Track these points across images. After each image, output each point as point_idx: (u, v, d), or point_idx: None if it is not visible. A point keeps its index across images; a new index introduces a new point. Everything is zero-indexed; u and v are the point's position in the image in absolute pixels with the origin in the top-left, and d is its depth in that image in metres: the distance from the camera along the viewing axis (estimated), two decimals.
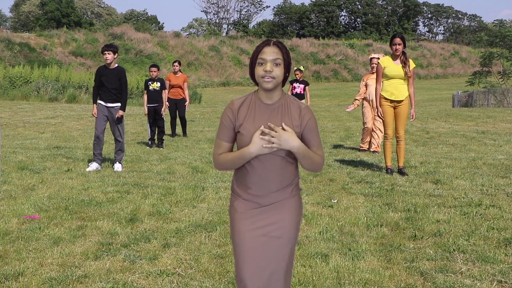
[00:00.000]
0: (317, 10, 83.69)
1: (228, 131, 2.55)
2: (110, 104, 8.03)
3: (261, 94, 2.55)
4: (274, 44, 2.50)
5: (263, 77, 2.46)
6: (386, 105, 7.56)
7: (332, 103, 29.01)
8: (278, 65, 2.47)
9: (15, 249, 4.46)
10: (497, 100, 26.68)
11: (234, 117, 2.54)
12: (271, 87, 2.48)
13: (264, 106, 2.54)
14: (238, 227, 2.59)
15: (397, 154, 7.73)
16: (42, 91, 24.86)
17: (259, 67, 2.47)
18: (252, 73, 2.53)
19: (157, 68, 10.92)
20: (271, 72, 2.45)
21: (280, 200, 2.58)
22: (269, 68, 2.45)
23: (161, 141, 10.72)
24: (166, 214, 5.57)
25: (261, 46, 2.50)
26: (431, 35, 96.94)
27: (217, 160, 2.59)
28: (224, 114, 2.56)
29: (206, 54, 53.10)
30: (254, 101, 2.56)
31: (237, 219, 2.59)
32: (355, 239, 4.76)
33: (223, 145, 2.58)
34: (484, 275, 3.92)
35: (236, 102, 2.56)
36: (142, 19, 79.72)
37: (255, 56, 2.50)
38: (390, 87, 7.52)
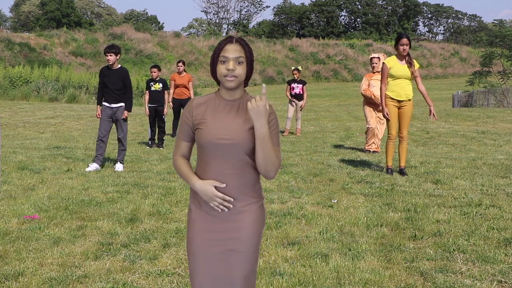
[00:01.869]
0: (317, 10, 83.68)
1: (186, 130, 2.47)
2: (114, 104, 8.04)
3: (223, 92, 2.45)
4: (237, 42, 2.40)
5: (225, 75, 2.37)
6: (391, 105, 7.55)
7: (332, 103, 29.01)
8: (241, 63, 2.37)
9: (15, 249, 4.46)
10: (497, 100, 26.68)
11: (190, 115, 2.45)
12: (233, 86, 2.38)
13: (225, 102, 2.44)
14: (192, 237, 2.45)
15: (399, 154, 7.73)
16: (42, 91, 24.86)
17: (221, 65, 2.37)
18: (214, 71, 2.43)
19: (157, 68, 10.91)
20: (234, 71, 2.36)
21: (238, 208, 2.40)
22: (231, 66, 2.35)
23: (161, 141, 10.72)
24: (166, 214, 5.57)
25: (223, 44, 2.39)
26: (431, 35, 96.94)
27: (174, 162, 2.53)
28: (184, 112, 2.50)
29: (206, 54, 53.10)
30: (214, 98, 2.47)
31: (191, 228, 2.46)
32: (355, 239, 4.76)
33: (181, 144, 2.50)
34: (484, 275, 3.92)
35: (195, 100, 2.48)
36: (142, 19, 79.71)
37: (217, 54, 2.39)
38: (396, 87, 7.51)
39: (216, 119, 2.41)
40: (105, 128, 8.06)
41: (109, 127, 8.13)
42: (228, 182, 2.39)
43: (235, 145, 2.37)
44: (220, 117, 2.41)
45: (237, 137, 2.37)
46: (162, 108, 10.76)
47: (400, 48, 7.45)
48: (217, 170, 2.39)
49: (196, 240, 2.44)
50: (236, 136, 2.37)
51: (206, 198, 2.38)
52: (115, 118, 8.09)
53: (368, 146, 10.09)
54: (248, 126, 2.37)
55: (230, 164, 2.39)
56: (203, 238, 2.42)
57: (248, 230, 2.41)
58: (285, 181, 7.19)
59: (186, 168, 2.47)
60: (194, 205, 2.48)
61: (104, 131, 8.05)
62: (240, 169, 2.40)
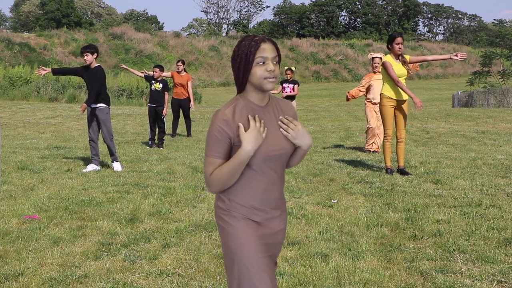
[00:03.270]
0: (317, 10, 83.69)
1: (223, 146, 2.24)
2: (94, 105, 7.92)
3: (253, 96, 2.30)
4: (269, 40, 2.27)
5: (266, 77, 2.22)
6: (389, 106, 7.55)
7: (332, 103, 29.01)
8: (276, 63, 2.27)
9: (15, 249, 4.46)
10: (497, 100, 26.67)
11: (230, 129, 2.22)
12: (273, 87, 2.26)
13: (259, 108, 2.31)
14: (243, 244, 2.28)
15: (397, 154, 7.73)
16: (42, 91, 24.87)
17: (259, 66, 2.22)
18: (246, 75, 2.25)
19: (159, 68, 10.87)
20: (274, 71, 2.23)
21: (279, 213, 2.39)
22: (272, 67, 2.22)
23: (161, 141, 10.71)
24: (166, 214, 5.57)
25: (258, 43, 2.23)
26: (431, 35, 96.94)
27: (211, 180, 2.26)
28: (216, 127, 2.23)
29: (206, 54, 53.11)
30: (246, 106, 2.29)
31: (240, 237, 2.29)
32: (355, 239, 4.76)
33: (216, 163, 2.25)
34: (484, 275, 3.92)
35: (227, 112, 2.23)
36: (142, 19, 79.70)
37: (253, 54, 2.22)
38: (394, 86, 7.51)
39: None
40: (92, 128, 7.99)
41: (96, 127, 8.02)
42: (274, 193, 2.34)
43: (284, 155, 2.33)
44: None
45: (287, 146, 2.33)
46: (162, 108, 10.74)
47: (396, 47, 7.47)
48: (266, 183, 2.31)
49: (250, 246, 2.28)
50: (286, 146, 2.32)
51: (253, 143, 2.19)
52: (97, 119, 7.96)
53: (368, 146, 10.08)
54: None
55: (276, 174, 2.34)
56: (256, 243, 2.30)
57: (284, 234, 2.44)
58: (285, 181, 7.19)
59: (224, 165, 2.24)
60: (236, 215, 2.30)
61: (92, 131, 7.99)
62: (282, 176, 2.38)
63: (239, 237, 2.29)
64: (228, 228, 2.31)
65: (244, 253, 2.27)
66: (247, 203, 2.30)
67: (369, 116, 9.96)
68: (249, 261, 2.26)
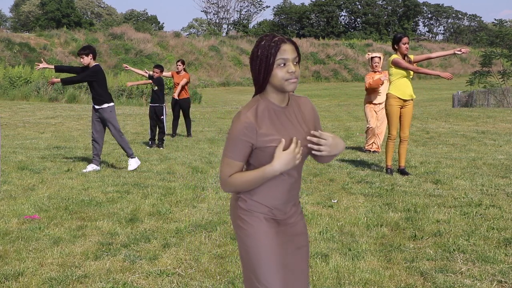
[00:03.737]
0: (317, 10, 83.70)
1: (244, 150, 2.21)
2: (98, 106, 7.91)
3: (273, 97, 2.27)
4: (289, 41, 2.22)
5: (287, 79, 2.19)
6: (395, 105, 7.53)
7: (332, 103, 29.01)
8: (297, 63, 2.22)
9: (15, 249, 4.46)
10: (497, 100, 26.66)
11: (254, 134, 2.20)
12: (294, 88, 2.22)
13: (280, 110, 2.29)
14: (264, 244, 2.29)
15: (399, 154, 7.72)
16: (42, 91, 24.87)
17: (281, 68, 2.18)
18: (267, 77, 2.21)
19: (159, 69, 10.84)
20: (295, 73, 2.19)
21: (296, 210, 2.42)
22: (293, 68, 2.18)
23: (161, 141, 10.70)
24: (166, 214, 5.57)
25: (278, 44, 2.19)
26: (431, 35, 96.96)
27: (228, 182, 2.25)
28: (238, 130, 2.19)
29: (206, 54, 53.10)
30: (268, 108, 2.27)
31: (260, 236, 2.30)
32: (355, 239, 4.76)
33: (235, 165, 2.23)
34: (484, 275, 3.92)
35: (249, 115, 2.20)
36: (142, 19, 79.72)
37: (273, 56, 2.17)
38: (402, 86, 7.50)
39: (285, 133, 2.26)
40: (95, 128, 7.96)
41: (100, 128, 7.99)
42: (295, 191, 2.37)
43: (305, 155, 2.33)
44: (286, 129, 2.27)
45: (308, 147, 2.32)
46: (160, 108, 10.69)
47: (403, 47, 7.44)
48: (289, 184, 2.31)
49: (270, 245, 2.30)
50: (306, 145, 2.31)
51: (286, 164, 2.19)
52: (102, 119, 7.95)
53: (368, 146, 10.07)
54: (310, 131, 2.34)
55: (297, 174, 2.35)
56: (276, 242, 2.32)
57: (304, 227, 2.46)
58: None
59: (248, 173, 2.23)
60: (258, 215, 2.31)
61: (94, 131, 7.96)
62: (300, 175, 2.38)
63: (258, 238, 2.29)
64: (248, 229, 2.31)
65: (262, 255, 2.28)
66: (269, 203, 2.31)
67: (369, 116, 9.94)
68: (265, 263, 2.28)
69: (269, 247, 2.29)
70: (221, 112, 20.62)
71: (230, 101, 32.25)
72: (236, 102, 31.28)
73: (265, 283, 2.26)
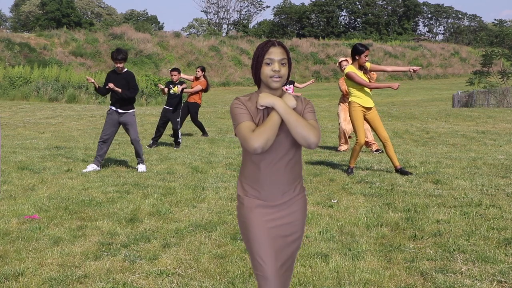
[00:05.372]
0: (317, 10, 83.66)
1: (247, 113, 2.56)
2: (121, 110, 7.99)
3: (265, 91, 2.62)
4: (279, 45, 2.59)
5: (271, 76, 2.55)
6: (359, 110, 7.62)
7: (332, 103, 28.99)
8: (284, 64, 2.57)
9: (15, 249, 4.46)
10: (497, 100, 26.66)
11: (245, 107, 2.57)
12: (279, 86, 2.58)
13: None
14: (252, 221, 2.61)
15: (389, 157, 7.71)
16: (42, 91, 24.86)
17: (267, 66, 2.56)
18: (257, 73, 2.60)
19: (177, 71, 10.83)
20: (279, 72, 2.55)
21: (289, 199, 2.65)
22: (277, 67, 2.54)
23: (175, 142, 10.63)
24: (166, 214, 5.57)
25: (268, 46, 2.57)
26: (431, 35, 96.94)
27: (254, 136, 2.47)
28: (234, 105, 2.58)
29: (206, 54, 53.07)
30: (256, 97, 2.62)
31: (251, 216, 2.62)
32: (355, 239, 4.76)
33: (250, 124, 2.53)
34: (484, 275, 3.92)
35: (241, 98, 2.62)
36: (142, 19, 79.70)
37: (262, 56, 2.56)
38: (362, 94, 7.61)
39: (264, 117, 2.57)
40: (109, 131, 8.01)
41: (113, 132, 8.07)
42: (281, 176, 2.60)
43: (285, 140, 2.57)
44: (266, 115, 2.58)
45: (287, 132, 2.55)
46: (175, 114, 10.64)
47: (363, 59, 7.54)
48: (271, 166, 2.59)
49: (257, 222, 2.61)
50: (286, 131, 2.55)
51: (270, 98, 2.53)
52: (123, 123, 8.03)
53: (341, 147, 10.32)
54: None
55: (282, 160, 2.59)
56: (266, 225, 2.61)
57: (299, 217, 2.69)
58: None
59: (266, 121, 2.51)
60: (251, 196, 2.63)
61: (107, 133, 8.00)
62: (290, 163, 2.61)
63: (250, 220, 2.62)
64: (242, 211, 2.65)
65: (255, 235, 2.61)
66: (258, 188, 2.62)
67: (341, 117, 10.24)
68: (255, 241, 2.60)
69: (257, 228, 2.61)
70: (221, 112, 20.62)
71: (230, 101, 32.22)
72: None
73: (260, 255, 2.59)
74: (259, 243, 2.60)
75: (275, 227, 2.62)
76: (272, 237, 2.61)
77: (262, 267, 2.57)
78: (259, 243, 2.60)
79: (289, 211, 2.66)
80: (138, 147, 8.08)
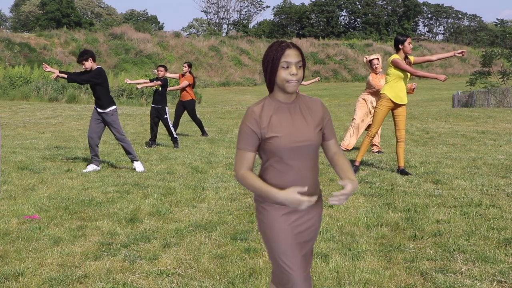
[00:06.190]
0: (317, 10, 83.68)
1: (252, 140, 2.49)
2: (100, 109, 7.90)
3: (279, 95, 2.53)
4: (294, 47, 2.49)
5: (288, 81, 2.45)
6: (386, 106, 7.50)
7: (332, 103, 29.02)
8: (300, 67, 2.48)
9: (15, 249, 4.46)
10: (497, 100, 26.67)
11: (258, 126, 2.48)
12: (295, 89, 2.49)
13: (284, 105, 2.54)
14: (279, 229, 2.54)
15: (398, 154, 7.71)
16: (42, 91, 24.86)
17: (283, 70, 2.45)
18: (272, 77, 2.49)
19: (163, 67, 10.82)
20: (296, 75, 2.46)
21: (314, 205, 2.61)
22: (295, 71, 2.45)
23: (174, 142, 10.61)
24: (166, 214, 5.57)
25: (283, 49, 2.46)
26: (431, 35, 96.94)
27: (240, 177, 2.50)
28: (244, 123, 2.49)
29: (206, 54, 53.09)
30: (271, 103, 2.53)
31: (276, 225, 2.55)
32: (355, 239, 4.76)
33: (248, 156, 2.50)
34: (484, 275, 3.92)
35: (255, 109, 2.50)
36: (142, 19, 79.72)
37: (278, 59, 2.45)
38: (397, 89, 7.45)
39: (287, 125, 2.51)
40: (93, 128, 7.91)
41: (98, 129, 7.94)
42: (307, 181, 2.56)
43: (310, 146, 2.53)
44: (288, 121, 2.52)
45: (311, 138, 2.53)
46: (163, 109, 10.60)
47: (408, 47, 7.33)
48: (298, 172, 2.53)
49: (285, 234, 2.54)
50: (310, 138, 2.53)
51: (294, 205, 2.41)
52: (105, 123, 7.94)
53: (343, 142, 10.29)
54: (315, 127, 2.56)
55: (306, 165, 2.55)
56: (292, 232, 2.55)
57: (319, 220, 2.68)
58: None
59: (261, 182, 2.47)
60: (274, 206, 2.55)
61: (92, 132, 7.91)
62: (313, 167, 2.58)
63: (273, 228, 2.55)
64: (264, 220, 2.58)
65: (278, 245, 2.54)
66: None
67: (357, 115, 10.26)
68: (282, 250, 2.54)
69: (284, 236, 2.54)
70: (221, 112, 20.62)
71: (230, 101, 32.26)
72: (236, 102, 31.29)
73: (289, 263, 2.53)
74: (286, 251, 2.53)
75: (299, 233, 2.58)
76: (298, 243, 2.57)
77: (291, 275, 2.51)
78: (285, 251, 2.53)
79: (310, 215, 2.62)
80: (125, 145, 7.97)
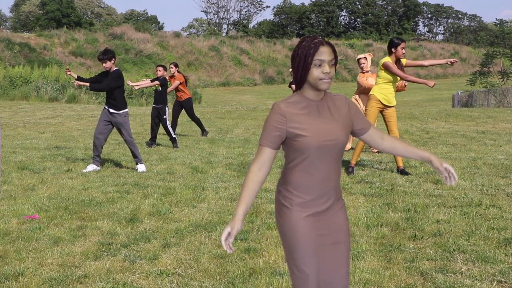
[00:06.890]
0: (317, 10, 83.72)
1: (276, 137, 2.42)
2: (112, 110, 7.92)
3: (309, 93, 2.46)
4: (328, 44, 2.41)
5: (321, 78, 2.38)
6: (376, 107, 7.54)
7: None
8: (333, 65, 2.41)
9: (15, 249, 4.46)
10: (497, 100, 26.67)
11: (284, 123, 2.41)
12: (328, 87, 2.42)
13: (313, 103, 2.47)
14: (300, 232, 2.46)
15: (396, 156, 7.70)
16: (42, 91, 24.87)
17: (316, 68, 2.37)
18: (304, 75, 2.40)
19: (162, 67, 10.81)
20: (329, 73, 2.39)
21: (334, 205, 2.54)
22: (328, 69, 2.38)
23: (173, 141, 10.61)
24: (166, 214, 5.57)
25: (317, 46, 2.38)
26: (431, 35, 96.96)
27: (248, 171, 2.45)
28: (269, 119, 2.43)
29: (206, 54, 53.10)
30: (300, 101, 2.46)
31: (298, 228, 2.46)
32: (355, 239, 4.76)
33: (266, 151, 2.43)
34: (484, 275, 3.92)
35: (282, 105, 2.42)
36: (142, 19, 79.74)
37: (311, 56, 2.36)
38: (386, 91, 7.51)
39: (315, 123, 2.44)
40: (101, 129, 7.91)
41: (106, 130, 7.95)
42: (333, 180, 2.50)
43: (337, 145, 2.47)
44: (316, 119, 2.45)
45: (339, 137, 2.47)
46: (163, 109, 10.62)
47: (400, 51, 7.39)
48: (325, 171, 2.47)
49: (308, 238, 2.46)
50: (338, 137, 2.46)
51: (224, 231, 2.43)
52: (115, 124, 7.95)
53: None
54: (343, 126, 2.49)
55: (332, 166, 2.49)
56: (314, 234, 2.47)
57: (346, 221, 2.59)
58: None
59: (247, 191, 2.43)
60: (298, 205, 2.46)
61: (99, 132, 7.91)
62: (337, 168, 2.52)
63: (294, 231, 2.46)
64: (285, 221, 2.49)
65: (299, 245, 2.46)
66: (302, 194, 2.46)
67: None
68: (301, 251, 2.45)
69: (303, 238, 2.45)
70: (221, 112, 20.62)
71: (230, 101, 32.26)
72: (236, 102, 31.29)
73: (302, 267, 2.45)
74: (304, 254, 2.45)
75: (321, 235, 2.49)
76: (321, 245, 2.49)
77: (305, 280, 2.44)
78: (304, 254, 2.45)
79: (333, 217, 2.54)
80: (133, 148, 8.00)
